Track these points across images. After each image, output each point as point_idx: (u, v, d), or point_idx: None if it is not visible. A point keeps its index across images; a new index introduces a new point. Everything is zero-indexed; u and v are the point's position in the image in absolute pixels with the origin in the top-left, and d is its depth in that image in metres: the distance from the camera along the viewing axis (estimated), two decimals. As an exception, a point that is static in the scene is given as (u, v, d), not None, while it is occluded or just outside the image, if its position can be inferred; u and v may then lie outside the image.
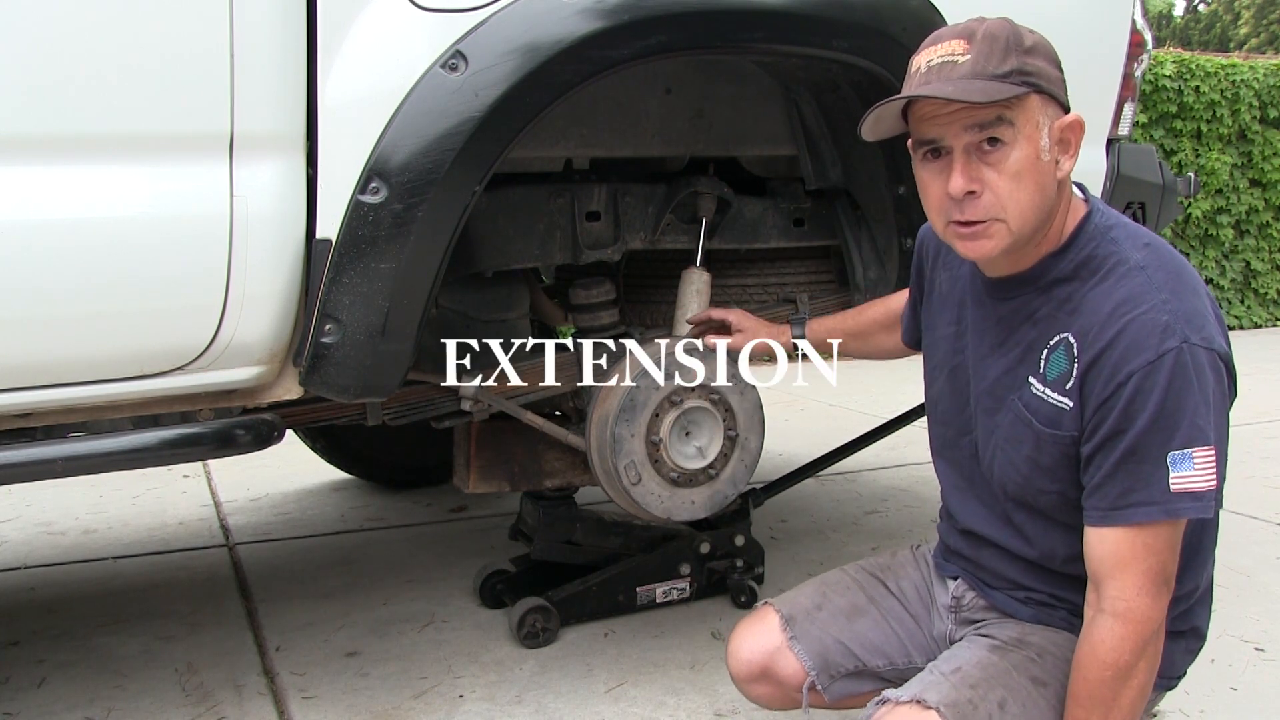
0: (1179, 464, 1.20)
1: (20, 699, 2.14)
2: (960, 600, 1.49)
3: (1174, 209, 2.62)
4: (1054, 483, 1.31)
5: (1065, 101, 1.27)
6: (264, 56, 1.55)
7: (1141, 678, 1.24)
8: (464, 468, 2.38)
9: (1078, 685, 1.26)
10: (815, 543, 3.12)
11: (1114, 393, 1.21)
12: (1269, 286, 8.80)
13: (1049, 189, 1.26)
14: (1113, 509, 1.23)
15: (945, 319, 1.49)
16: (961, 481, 1.47)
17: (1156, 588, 1.22)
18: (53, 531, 3.22)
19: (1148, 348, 1.20)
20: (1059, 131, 1.25)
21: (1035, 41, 1.25)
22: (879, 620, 1.52)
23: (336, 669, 2.27)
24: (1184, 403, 1.19)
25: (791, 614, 1.52)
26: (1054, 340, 1.29)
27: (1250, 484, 3.81)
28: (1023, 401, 1.33)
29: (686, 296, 2.27)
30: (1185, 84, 8.09)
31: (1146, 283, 1.24)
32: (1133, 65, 2.41)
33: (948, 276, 1.49)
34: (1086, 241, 1.30)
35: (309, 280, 1.66)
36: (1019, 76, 1.21)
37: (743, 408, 2.12)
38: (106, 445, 1.64)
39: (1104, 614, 1.24)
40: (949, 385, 1.47)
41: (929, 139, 1.26)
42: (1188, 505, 1.20)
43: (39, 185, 1.46)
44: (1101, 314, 1.24)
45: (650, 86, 2.15)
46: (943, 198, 1.27)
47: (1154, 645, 1.24)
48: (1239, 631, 2.49)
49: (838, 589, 1.57)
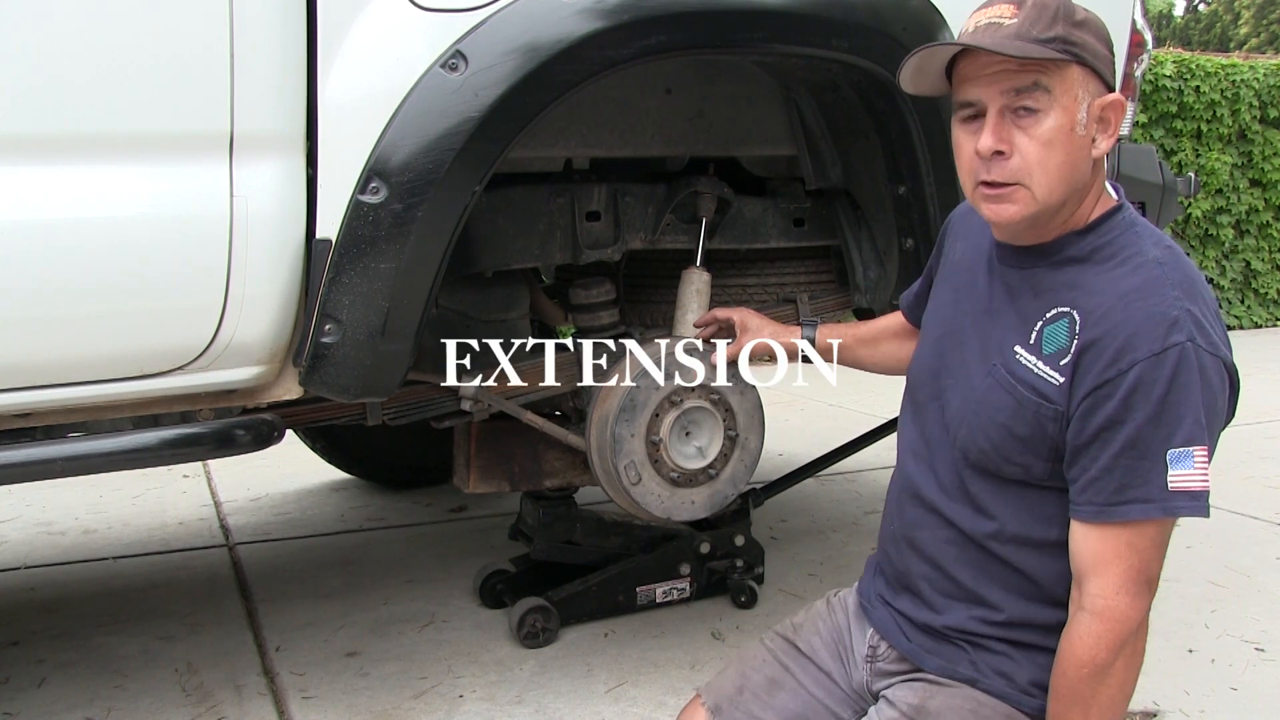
0: (1178, 462, 1.18)
1: (20, 699, 2.14)
2: (875, 650, 1.48)
3: (1174, 209, 2.62)
4: (1023, 455, 1.29)
5: (1110, 81, 1.27)
6: (264, 56, 1.54)
7: (1119, 676, 1.23)
8: (464, 468, 2.37)
9: (1057, 681, 1.26)
10: (815, 543, 3.12)
11: (1114, 378, 1.20)
12: (1269, 286, 8.79)
13: (1080, 164, 1.25)
14: (1108, 505, 1.21)
15: (948, 286, 1.48)
16: (921, 446, 1.45)
17: (1138, 586, 1.21)
18: (53, 531, 3.22)
19: (1154, 338, 1.19)
20: (1099, 109, 1.25)
21: (1087, 17, 1.25)
22: (796, 689, 1.50)
23: (336, 669, 2.27)
24: (1188, 399, 1.18)
25: (717, 703, 1.52)
26: (1051, 314, 1.28)
27: (1250, 484, 3.81)
28: (1007, 369, 1.31)
29: (686, 296, 2.27)
30: (1185, 84, 8.09)
31: (1161, 278, 1.23)
32: (1133, 65, 2.41)
33: (965, 246, 1.47)
34: (1110, 229, 1.29)
35: (309, 280, 1.66)
36: (1061, 44, 1.21)
37: (743, 408, 2.12)
38: (106, 445, 1.64)
39: (1083, 611, 1.23)
40: (933, 349, 1.46)
41: (968, 100, 1.27)
42: (1185, 504, 1.19)
43: (38, 185, 1.46)
44: (1110, 297, 1.23)
45: (650, 86, 2.15)
46: (973, 157, 1.27)
47: (1133, 645, 1.23)
48: (1239, 631, 2.49)
49: (754, 664, 1.55)
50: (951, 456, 1.38)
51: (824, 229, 2.42)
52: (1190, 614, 2.59)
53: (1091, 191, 1.30)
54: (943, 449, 1.40)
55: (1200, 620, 2.56)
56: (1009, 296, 1.35)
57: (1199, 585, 2.79)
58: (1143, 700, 2.12)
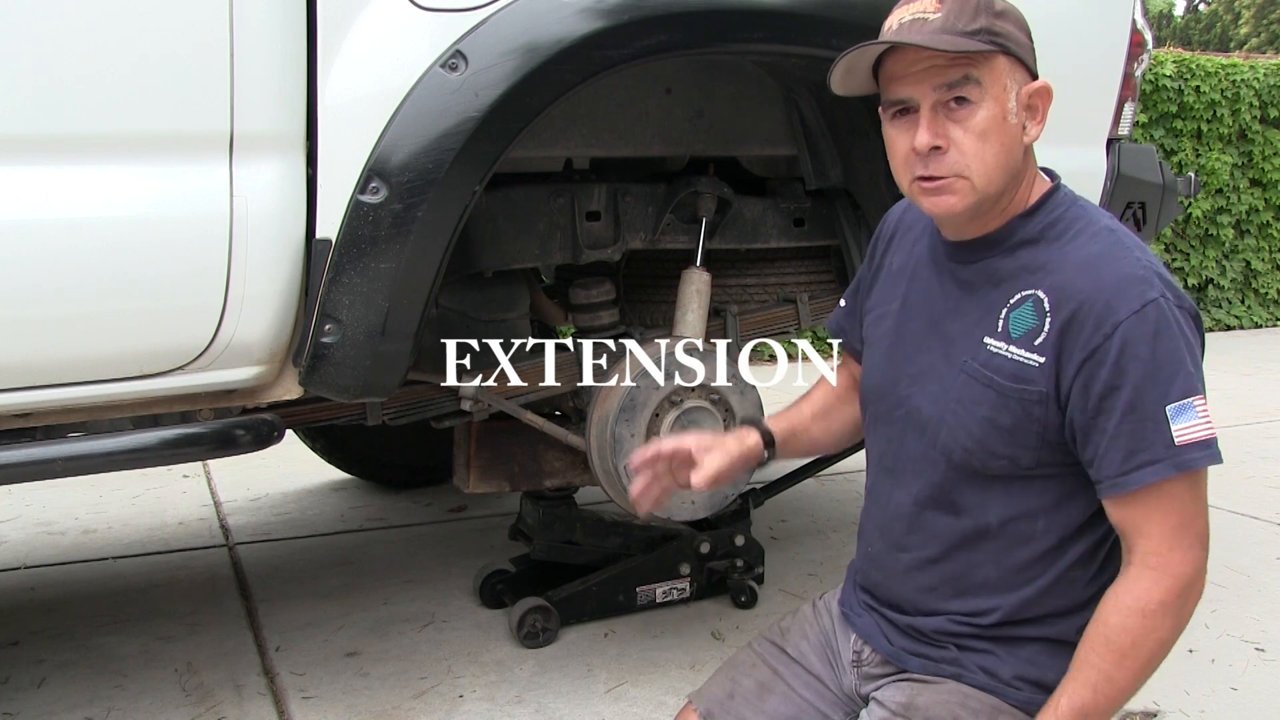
0: (1180, 415, 1.18)
1: (20, 699, 2.14)
2: (860, 655, 1.47)
3: (1174, 209, 2.62)
4: (1008, 446, 1.28)
5: (1034, 68, 1.28)
6: (264, 56, 1.55)
7: (1163, 634, 1.21)
8: (464, 468, 2.37)
9: (1092, 630, 1.23)
10: (815, 543, 3.12)
11: (1101, 344, 1.19)
12: (1269, 286, 8.79)
13: (1014, 151, 1.27)
14: (1121, 475, 1.20)
15: (889, 296, 1.48)
16: (890, 459, 1.44)
17: (1188, 541, 1.20)
18: (53, 531, 3.22)
19: (1131, 297, 1.19)
20: (1027, 96, 1.27)
21: (1006, 7, 1.27)
22: (787, 693, 1.50)
23: (336, 669, 2.27)
24: (1176, 351, 1.18)
25: (709, 709, 1.51)
26: (1016, 299, 1.28)
27: (1250, 484, 3.81)
28: (979, 362, 1.30)
29: (686, 296, 2.27)
30: (1185, 84, 8.09)
31: (1118, 242, 1.25)
32: (1133, 65, 2.41)
33: (903, 255, 1.48)
34: (1055, 206, 1.30)
35: (309, 280, 1.66)
36: (987, 35, 1.23)
37: (743, 407, 2.12)
38: (106, 445, 1.64)
39: (1133, 565, 1.22)
40: (886, 360, 1.44)
41: (898, 99, 1.28)
42: (1196, 455, 1.18)
43: (39, 185, 1.46)
44: (1075, 269, 1.24)
45: (650, 86, 2.15)
46: (909, 153, 1.28)
47: (1184, 601, 1.21)
48: (1239, 631, 2.49)
49: (744, 669, 1.54)
50: (930, 462, 1.37)
51: (824, 229, 2.42)
52: (1190, 614, 2.59)
53: (1026, 177, 1.31)
54: (918, 457, 1.39)
55: (1200, 620, 2.56)
56: (966, 291, 1.35)
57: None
58: (1143, 700, 2.12)
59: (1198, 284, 8.45)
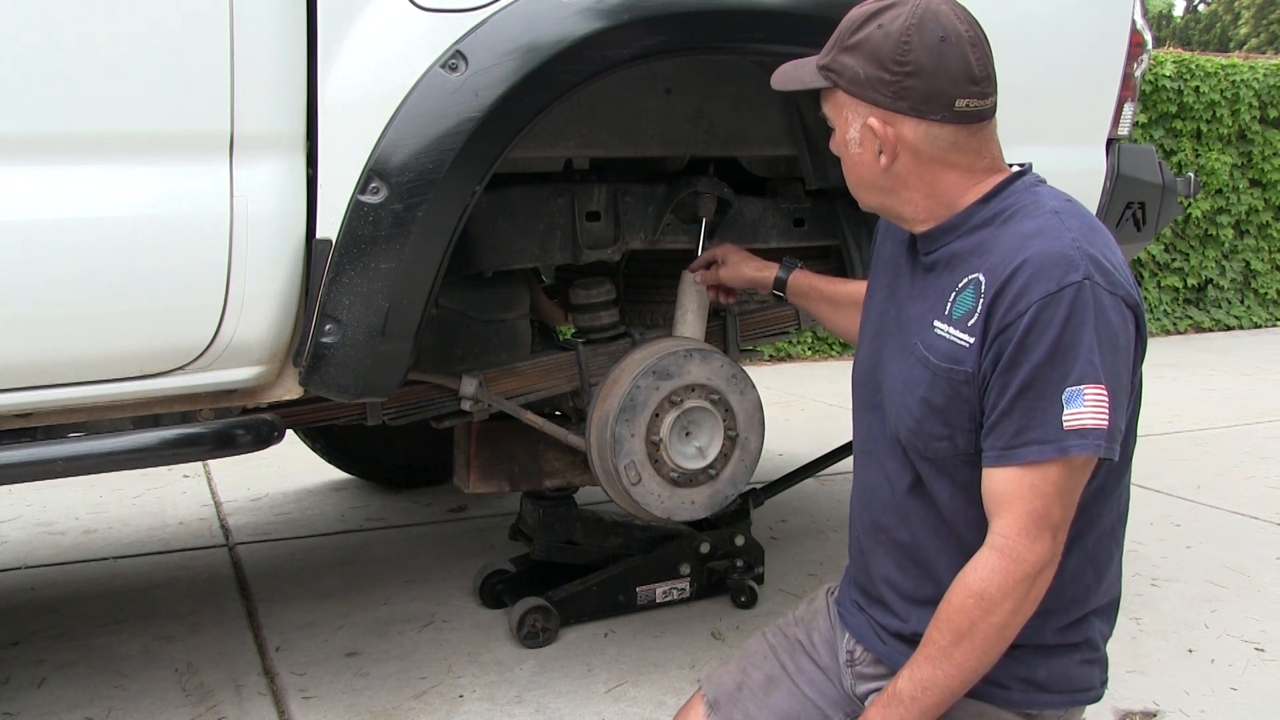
0: (1071, 401, 1.19)
1: (20, 699, 2.14)
2: (853, 655, 1.48)
3: (1174, 209, 2.62)
4: (944, 427, 1.29)
5: (886, 98, 1.29)
6: (264, 56, 1.55)
7: (1002, 618, 1.21)
8: (464, 468, 2.38)
9: (941, 608, 1.25)
10: (815, 543, 3.12)
11: (1013, 321, 1.20)
12: (1269, 286, 8.79)
13: (869, 177, 1.35)
14: (1008, 448, 1.22)
15: (877, 285, 1.50)
16: (869, 446, 1.46)
17: (1038, 529, 1.21)
18: (53, 531, 3.22)
19: (1050, 278, 1.19)
20: (869, 130, 1.31)
21: (864, 37, 1.29)
22: (792, 689, 1.51)
23: (336, 669, 2.28)
24: (1080, 338, 1.18)
25: (716, 698, 1.53)
26: (963, 282, 1.29)
27: (1250, 484, 3.81)
28: (925, 345, 1.32)
29: (686, 297, 2.27)
30: (1185, 84, 8.09)
31: (1058, 223, 1.25)
32: (1133, 65, 2.41)
33: (893, 245, 1.50)
34: (1011, 193, 1.31)
35: (309, 280, 1.66)
36: (825, 71, 1.33)
37: (743, 408, 2.12)
38: (106, 445, 1.64)
39: (985, 547, 1.24)
40: (870, 347, 1.47)
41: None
42: (1076, 443, 1.18)
43: (39, 185, 1.46)
44: (1007, 249, 1.25)
45: (650, 86, 2.15)
46: None
47: (1026, 589, 1.21)
48: (1239, 631, 2.49)
49: (755, 660, 1.56)
50: (890, 444, 1.39)
51: (824, 229, 2.42)
52: (1190, 614, 2.59)
53: (942, 185, 1.32)
54: (883, 440, 1.41)
55: (1200, 620, 2.56)
56: (930, 277, 1.37)
57: (1199, 585, 2.79)
58: (1143, 700, 2.12)
59: (1197, 284, 8.46)
